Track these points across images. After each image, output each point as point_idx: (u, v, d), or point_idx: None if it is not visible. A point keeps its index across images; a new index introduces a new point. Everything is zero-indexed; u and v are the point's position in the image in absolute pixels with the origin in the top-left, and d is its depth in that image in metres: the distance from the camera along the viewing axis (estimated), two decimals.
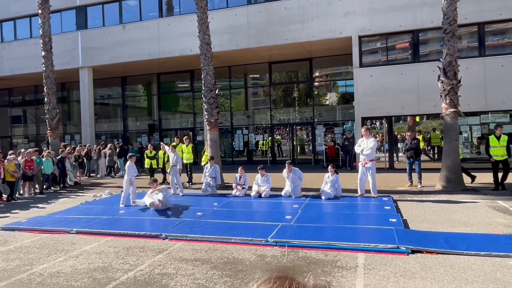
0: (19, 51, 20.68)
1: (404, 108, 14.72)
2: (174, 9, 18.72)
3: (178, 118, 22.42)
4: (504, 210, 7.77)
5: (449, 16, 10.56)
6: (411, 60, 14.95)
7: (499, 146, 10.00)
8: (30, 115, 25.23)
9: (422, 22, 14.36)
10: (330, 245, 5.67)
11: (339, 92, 20.17)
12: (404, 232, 6.20)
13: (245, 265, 5.08)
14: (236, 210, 8.82)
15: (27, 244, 6.49)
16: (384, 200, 9.06)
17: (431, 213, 7.66)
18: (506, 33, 14.23)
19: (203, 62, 12.74)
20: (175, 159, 11.25)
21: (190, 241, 6.26)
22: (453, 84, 10.52)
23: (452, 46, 10.56)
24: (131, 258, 5.52)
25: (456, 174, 10.43)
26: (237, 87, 21.20)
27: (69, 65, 19.44)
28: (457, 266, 4.74)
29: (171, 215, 8.23)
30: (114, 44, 18.78)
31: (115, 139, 22.19)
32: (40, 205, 10.48)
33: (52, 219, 8.19)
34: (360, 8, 15.09)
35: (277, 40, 16.14)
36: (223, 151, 19.58)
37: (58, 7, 19.13)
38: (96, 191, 12.45)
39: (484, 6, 13.69)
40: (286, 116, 20.22)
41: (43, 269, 5.19)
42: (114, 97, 23.39)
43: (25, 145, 22.97)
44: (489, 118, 14.27)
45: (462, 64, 11.52)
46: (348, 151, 15.77)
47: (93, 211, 8.98)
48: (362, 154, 9.57)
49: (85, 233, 7.01)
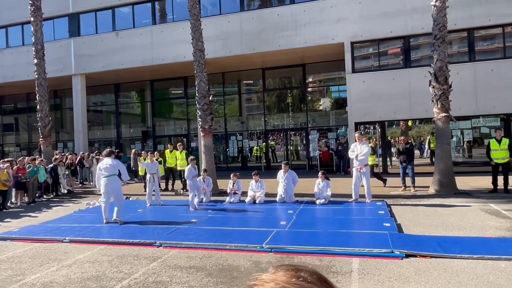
0: (11, 59, 20.55)
1: (396, 113, 14.86)
2: (167, 16, 18.77)
3: (172, 124, 22.38)
4: (496, 213, 7.85)
5: (439, 22, 10.72)
6: (403, 65, 15.12)
7: (500, 149, 10.13)
8: (22, 123, 25.02)
9: (413, 28, 14.56)
10: (325, 251, 5.68)
11: (332, 98, 20.31)
12: (398, 237, 6.24)
13: (240, 271, 5.06)
14: (231, 216, 8.81)
15: (19, 254, 6.41)
16: (378, 204, 9.10)
17: (424, 217, 7.71)
18: (495, 39, 14.47)
19: (196, 69, 12.77)
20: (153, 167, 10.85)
21: (185, 248, 6.23)
22: (444, 89, 10.65)
23: (443, 52, 10.71)
24: (125, 267, 5.48)
25: (448, 178, 10.52)
26: (231, 93, 21.25)
27: (62, 72, 19.36)
28: (451, 270, 4.77)
29: (165, 222, 8.18)
30: (107, 51, 18.75)
31: (108, 146, 22.06)
32: (33, 214, 10.37)
33: (44, 228, 8.10)
34: (352, 15, 15.27)
35: (270, 46, 16.25)
36: (218, 157, 19.56)
37: (50, 14, 19.08)
38: (90, 199, 12.35)
39: (473, 12, 13.93)
40: (280, 122, 20.29)
41: (35, 279, 5.13)
42: (107, 104, 23.30)
43: (17, 153, 22.76)
44: (480, 122, 14.44)
45: (453, 69, 11.69)
46: (342, 156, 15.84)
47: (86, 219, 8.91)
48: (356, 160, 9.62)
49: (78, 242, 6.94)
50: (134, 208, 10.08)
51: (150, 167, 10.70)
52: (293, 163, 19.30)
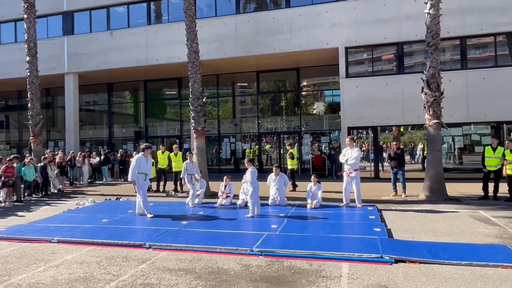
0: (3, 56, 20.34)
1: (389, 119, 14.97)
2: (163, 16, 18.74)
3: (165, 125, 22.29)
4: (485, 220, 7.93)
5: (432, 30, 10.84)
6: (396, 71, 15.27)
7: (494, 157, 10.27)
8: (13, 121, 24.74)
9: (406, 35, 14.71)
10: (315, 255, 5.68)
11: (326, 102, 20.41)
12: (388, 242, 6.26)
13: (229, 275, 5.04)
14: (222, 219, 8.76)
15: (5, 254, 6.31)
16: (369, 209, 9.14)
17: (414, 223, 7.76)
18: (487, 47, 14.68)
19: (190, 70, 12.74)
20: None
21: (175, 251, 6.19)
22: (436, 96, 10.76)
23: (435, 59, 10.82)
24: (113, 268, 5.42)
25: (439, 184, 10.61)
26: (225, 95, 21.24)
27: (55, 70, 19.21)
28: (439, 276, 4.80)
29: (156, 224, 8.12)
30: (101, 50, 18.65)
31: (100, 146, 21.90)
32: (20, 213, 10.22)
33: (32, 228, 7.99)
34: (347, 20, 15.38)
35: (265, 49, 16.30)
36: (210, 159, 19.50)
37: (44, 12, 18.95)
38: (79, 199, 12.23)
39: (466, 21, 14.12)
40: (273, 125, 20.32)
41: (21, 280, 5.05)
42: (100, 103, 23.15)
43: (7, 151, 22.47)
44: (471, 129, 14.61)
45: (445, 76, 11.82)
46: (334, 161, 15.91)
47: (75, 219, 8.80)
48: (347, 164, 9.66)
49: (67, 242, 6.85)
50: (124, 209, 9.99)
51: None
52: (285, 167, 19.31)
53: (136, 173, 8.86)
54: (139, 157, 9.07)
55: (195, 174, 10.49)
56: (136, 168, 8.85)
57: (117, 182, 16.91)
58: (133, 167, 8.91)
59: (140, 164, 8.91)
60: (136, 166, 8.87)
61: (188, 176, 10.35)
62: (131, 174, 8.95)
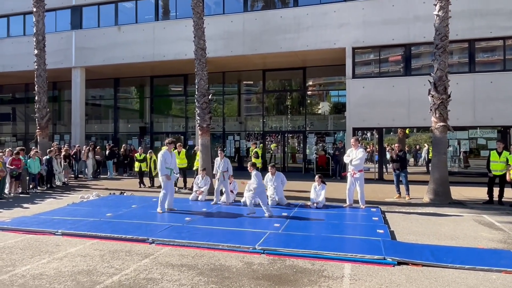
0: (11, 48, 20.47)
1: (394, 120, 14.91)
2: (170, 13, 18.76)
3: (170, 121, 22.34)
4: (490, 224, 7.89)
5: (440, 32, 10.77)
6: (403, 73, 15.18)
7: (499, 162, 10.21)
8: (20, 113, 24.90)
9: (414, 36, 14.62)
10: (317, 254, 5.68)
11: (332, 102, 20.35)
12: (390, 244, 6.25)
13: (231, 272, 5.06)
14: (225, 216, 8.79)
15: (10, 245, 6.37)
16: (372, 211, 9.12)
17: (418, 225, 7.73)
18: (496, 51, 14.55)
19: (197, 67, 12.76)
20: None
21: (177, 246, 6.22)
22: (443, 98, 10.70)
23: (443, 62, 10.75)
24: (116, 262, 5.45)
25: (443, 187, 10.55)
26: (231, 93, 21.24)
27: (62, 64, 19.31)
28: (442, 279, 4.78)
29: (159, 219, 8.17)
30: (108, 45, 18.71)
31: (105, 140, 22.01)
32: (25, 205, 10.31)
33: (37, 220, 8.06)
34: (355, 20, 15.31)
35: (271, 48, 16.27)
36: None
37: (53, 6, 19.03)
38: (84, 192, 12.30)
39: (474, 24, 14.01)
40: (278, 124, 20.30)
41: (25, 271, 5.10)
42: (106, 98, 23.24)
43: (13, 143, 22.64)
44: (477, 133, 14.51)
45: (453, 79, 11.75)
46: (338, 161, 15.87)
47: (80, 212, 8.87)
48: (351, 165, 9.64)
49: (71, 235, 6.91)
50: (128, 204, 10.05)
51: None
52: (290, 166, 19.33)
53: (165, 168, 8.89)
54: (164, 152, 9.02)
55: (227, 171, 10.17)
56: (163, 163, 8.86)
57: (122, 177, 16.99)
58: (160, 162, 8.90)
59: (166, 159, 8.93)
60: (163, 161, 8.88)
61: (221, 174, 10.06)
62: (160, 171, 8.95)
